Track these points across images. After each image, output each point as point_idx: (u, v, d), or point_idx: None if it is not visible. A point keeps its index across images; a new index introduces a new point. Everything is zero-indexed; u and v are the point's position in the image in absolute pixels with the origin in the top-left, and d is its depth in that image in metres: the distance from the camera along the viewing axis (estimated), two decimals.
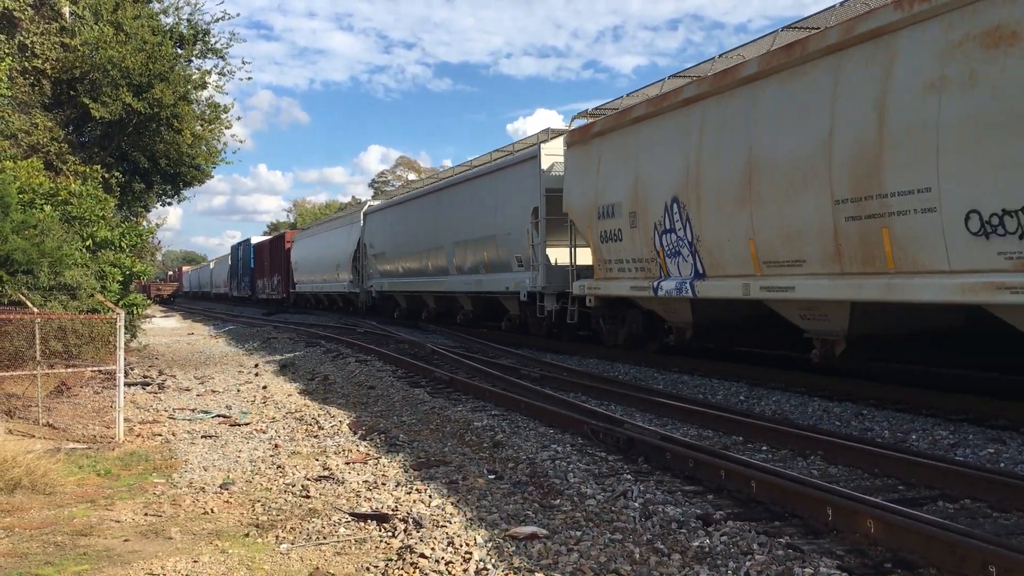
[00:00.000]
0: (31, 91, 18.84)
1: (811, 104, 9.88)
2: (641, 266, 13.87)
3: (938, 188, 8.25)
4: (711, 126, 11.71)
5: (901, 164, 8.64)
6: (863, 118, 9.10)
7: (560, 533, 5.35)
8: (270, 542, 5.50)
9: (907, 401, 9.78)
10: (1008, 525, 5.38)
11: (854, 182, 9.27)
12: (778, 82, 10.43)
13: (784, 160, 10.30)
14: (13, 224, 12.31)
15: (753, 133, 10.81)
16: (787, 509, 5.63)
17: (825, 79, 9.68)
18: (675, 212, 12.68)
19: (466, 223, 21.51)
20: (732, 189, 11.25)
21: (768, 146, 10.56)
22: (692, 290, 12.38)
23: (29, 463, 7.04)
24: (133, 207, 23.88)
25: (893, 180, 8.74)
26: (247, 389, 13.51)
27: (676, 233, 12.73)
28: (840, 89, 9.44)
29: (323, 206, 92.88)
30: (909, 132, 8.54)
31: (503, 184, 19.56)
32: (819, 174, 9.76)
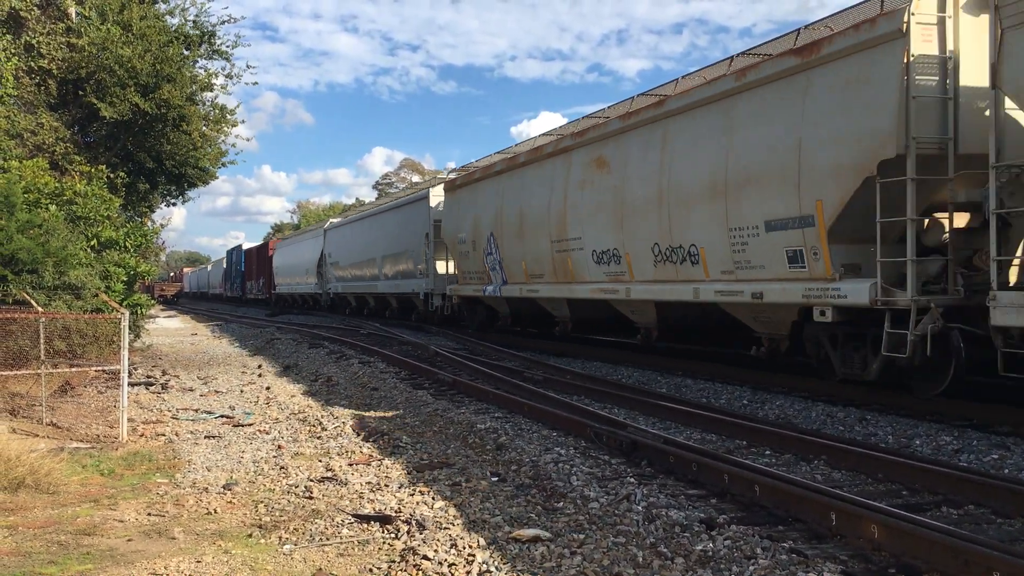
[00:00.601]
0: (37, 91, 18.89)
1: (544, 182, 17.20)
2: (479, 276, 20.82)
3: (583, 238, 15.62)
4: (506, 189, 19.08)
5: (572, 224, 15.99)
6: (559, 196, 16.42)
7: (563, 536, 5.35)
8: (273, 543, 5.50)
9: (911, 406, 9.77)
10: (1012, 531, 5.36)
11: (556, 231, 16.59)
12: (534, 167, 17.80)
13: (535, 214, 17.47)
14: (18, 223, 12.35)
15: (523, 196, 18.09)
16: (791, 514, 5.62)
17: (551, 169, 16.97)
18: (492, 242, 19.67)
19: (388, 242, 28.41)
20: (515, 229, 18.47)
21: (530, 204, 17.77)
22: (500, 291, 19.56)
23: (33, 462, 7.05)
24: (138, 207, 23.93)
25: (570, 232, 16.10)
26: (250, 390, 13.52)
27: (493, 255, 19.71)
28: (554, 176, 16.77)
29: (327, 208, 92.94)
30: (575, 207, 15.85)
31: (407, 215, 26.88)
32: (546, 225, 16.95)
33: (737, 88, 11.59)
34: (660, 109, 13.34)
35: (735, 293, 11.75)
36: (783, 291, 10.88)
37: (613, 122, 14.82)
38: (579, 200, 15.57)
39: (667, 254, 13.18)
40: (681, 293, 12.90)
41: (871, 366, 10.14)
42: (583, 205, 15.45)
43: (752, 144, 11.25)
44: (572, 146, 16.15)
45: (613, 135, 14.70)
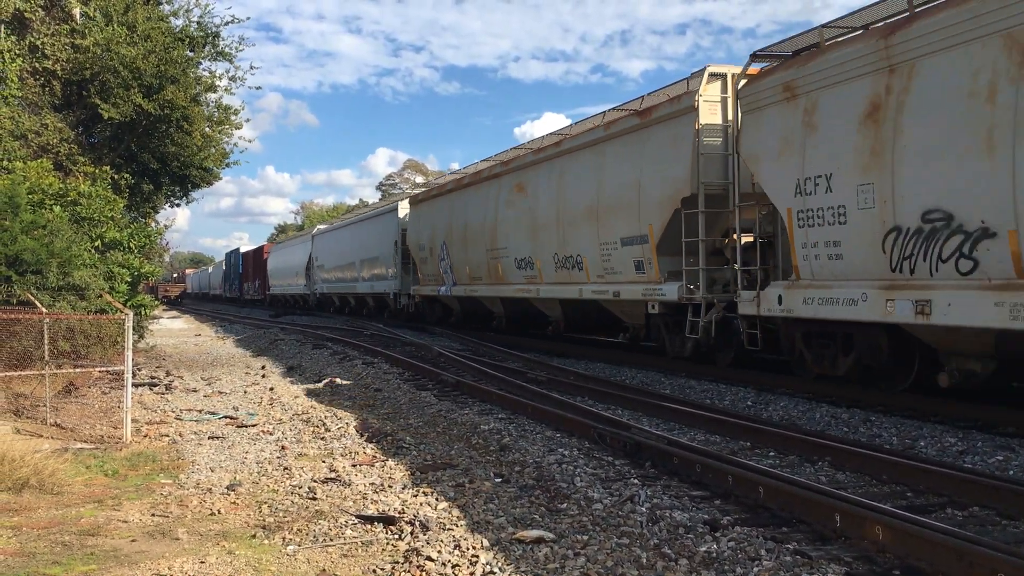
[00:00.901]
0: (41, 92, 18.92)
1: (482, 201, 21.05)
2: (435, 278, 25.00)
3: (508, 248, 19.38)
4: (455, 206, 23.04)
5: (501, 236, 19.80)
6: (492, 213, 20.21)
7: (567, 537, 5.34)
8: (277, 544, 5.50)
9: (915, 408, 9.75)
10: (1017, 533, 5.35)
11: (490, 242, 20.33)
12: (475, 188, 21.89)
13: (475, 227, 21.41)
14: (23, 224, 12.38)
15: (468, 212, 21.97)
16: (795, 515, 5.61)
17: (487, 190, 20.88)
18: (444, 249, 23.68)
19: (366, 248, 32.25)
20: (461, 239, 22.34)
21: (472, 219, 21.62)
22: (451, 291, 23.56)
23: (37, 463, 7.06)
24: (142, 208, 23.95)
25: (500, 243, 19.89)
26: (254, 390, 13.53)
27: (445, 261, 23.69)
28: (489, 197, 20.55)
29: (330, 208, 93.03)
30: (503, 222, 19.63)
31: (380, 225, 30.62)
32: (483, 236, 20.90)
33: (605, 137, 15.50)
34: (558, 148, 17.42)
35: (604, 292, 15.55)
36: (632, 291, 14.61)
37: (529, 155, 18.90)
38: (506, 217, 19.59)
39: (563, 261, 17.06)
40: (572, 292, 16.79)
41: (687, 346, 13.88)
42: (508, 221, 19.47)
43: (614, 180, 14.99)
44: (502, 172, 20.20)
45: (529, 166, 18.67)
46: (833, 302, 10.14)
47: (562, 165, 17.08)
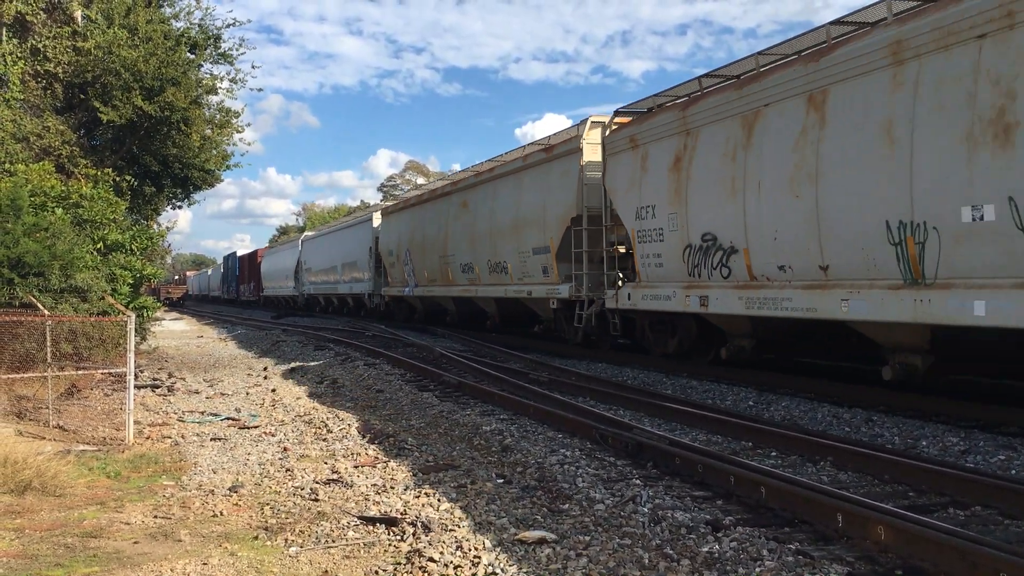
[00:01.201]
0: (43, 95, 18.96)
1: (436, 215, 24.44)
2: (401, 281, 28.36)
3: (456, 255, 22.79)
4: (417, 218, 26.58)
5: (450, 245, 23.07)
6: (444, 225, 23.65)
7: (569, 538, 5.34)
8: (279, 545, 5.51)
9: (917, 407, 9.74)
10: (1019, 532, 5.35)
11: (442, 249, 23.72)
12: (432, 203, 25.43)
13: (431, 236, 24.87)
14: (25, 227, 12.39)
15: (425, 223, 25.43)
16: (797, 515, 5.61)
17: (440, 205, 24.42)
18: (408, 255, 27.25)
19: (345, 253, 35.88)
20: (420, 246, 25.88)
21: (429, 230, 25.14)
22: (413, 292, 27.00)
23: (39, 465, 7.07)
24: (144, 210, 24.00)
25: (449, 250, 23.17)
26: (256, 392, 13.54)
27: (409, 265, 27.18)
28: (441, 211, 23.90)
29: (332, 210, 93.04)
30: (452, 233, 22.88)
31: (358, 233, 34.12)
32: (437, 244, 24.21)
33: (523, 167, 19.36)
34: (492, 173, 21.15)
35: (522, 291, 19.17)
36: (540, 290, 18.35)
37: (471, 178, 22.70)
38: (454, 229, 23.18)
39: (494, 266, 20.62)
40: (501, 292, 20.32)
41: (578, 333, 17.19)
42: (456, 232, 23.03)
43: (528, 202, 18.82)
44: (451, 191, 24.06)
45: (471, 187, 22.33)
46: (659, 298, 13.77)
47: (494, 188, 20.76)
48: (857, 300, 9.70)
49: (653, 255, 13.81)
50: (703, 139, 12.46)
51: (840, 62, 9.97)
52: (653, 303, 13.85)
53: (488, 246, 20.72)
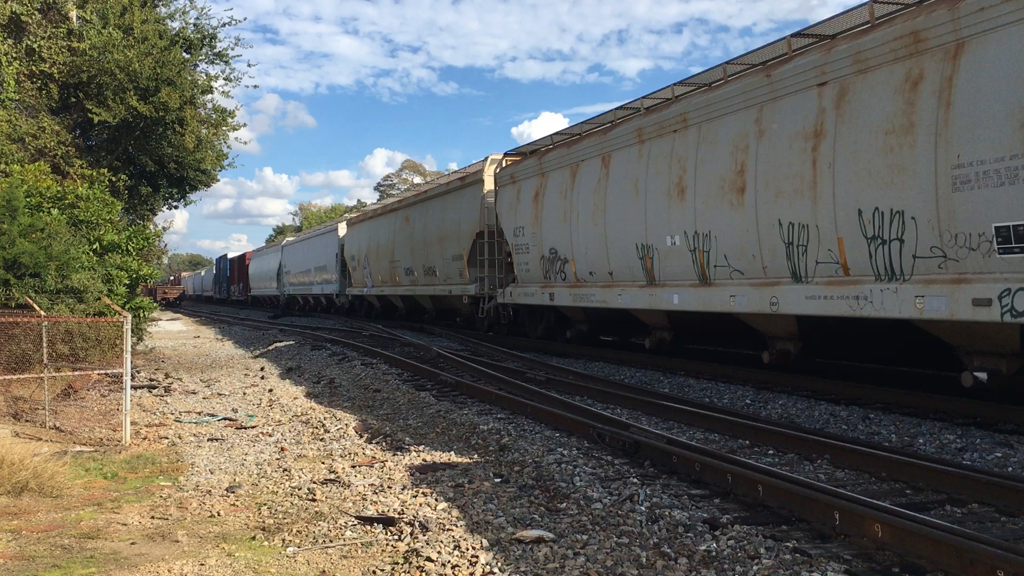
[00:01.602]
0: (38, 95, 18.92)
1: (386, 226, 29.57)
2: (361, 282, 33.00)
3: (400, 261, 27.70)
4: (373, 228, 31.05)
5: (397, 252, 28.08)
6: (391, 235, 28.73)
7: (566, 537, 5.34)
8: (276, 545, 5.50)
9: (914, 405, 9.76)
10: (1016, 530, 5.35)
11: (391, 256, 28.55)
12: (383, 217, 30.40)
13: (383, 244, 29.51)
14: (20, 227, 12.36)
15: (379, 233, 30.15)
16: (794, 513, 5.62)
17: (389, 219, 29.39)
18: (366, 260, 31.73)
19: (317, 258, 40.90)
20: (375, 253, 30.33)
21: (382, 239, 29.72)
22: (371, 291, 31.76)
23: (36, 466, 7.06)
24: (140, 210, 23.98)
25: (397, 257, 28.08)
26: (253, 392, 13.53)
27: (367, 269, 31.83)
28: (389, 224, 29.05)
29: (329, 209, 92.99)
30: (399, 242, 27.80)
31: (326, 240, 39.23)
32: (389, 251, 28.84)
33: (446, 191, 24.26)
34: (426, 195, 26.27)
35: (446, 290, 23.72)
36: (457, 289, 22.88)
37: (411, 198, 28.16)
38: (400, 239, 27.95)
39: (428, 270, 25.35)
40: (432, 291, 25.12)
41: (484, 323, 22.03)
42: (401, 242, 27.78)
43: (449, 219, 23.60)
44: (398, 208, 29.00)
45: (411, 205, 27.66)
46: (528, 295, 18.51)
47: (427, 207, 25.81)
48: (626, 294, 14.50)
49: (524, 263, 18.57)
50: (550, 180, 17.40)
51: (615, 137, 14.95)
52: (525, 298, 18.78)
53: (423, 253, 25.64)
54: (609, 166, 14.90)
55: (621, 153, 14.55)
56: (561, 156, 16.87)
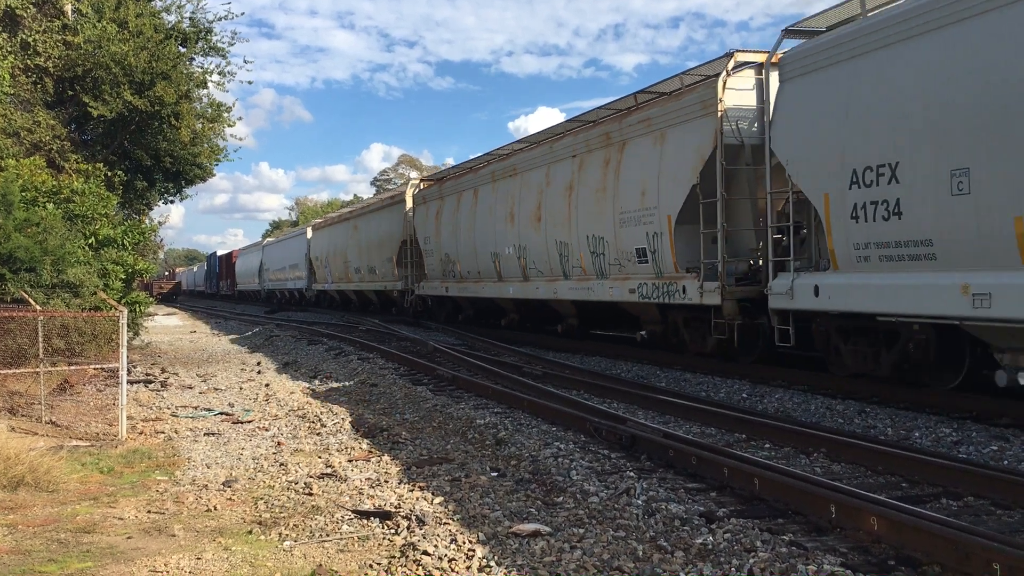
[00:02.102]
0: (33, 89, 18.83)
1: (341, 233, 35.23)
2: (324, 279, 38.38)
3: (351, 261, 33.47)
4: (330, 234, 37.27)
5: (348, 254, 33.69)
6: (344, 240, 34.34)
7: (563, 531, 5.35)
8: (273, 539, 5.50)
9: (911, 399, 9.77)
10: (1012, 523, 5.37)
11: (344, 257, 34.45)
12: (339, 224, 36.35)
13: (338, 248, 35.36)
14: (16, 222, 12.32)
15: (336, 239, 35.99)
16: (790, 507, 5.63)
17: (342, 227, 35.23)
18: (327, 261, 37.53)
19: (290, 258, 46.10)
20: (333, 254, 36.38)
21: (337, 243, 35.67)
22: (331, 286, 37.60)
23: (32, 461, 7.05)
24: (135, 205, 23.90)
25: (348, 258, 33.71)
26: (249, 387, 13.51)
27: (328, 268, 37.48)
28: (343, 231, 34.91)
29: (325, 204, 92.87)
30: (349, 245, 33.51)
31: (297, 242, 44.63)
32: (343, 253, 34.61)
33: (381, 207, 30.04)
34: (368, 208, 32.42)
35: (384, 285, 29.06)
36: (391, 285, 28.26)
37: (358, 210, 34.25)
38: (351, 244, 33.27)
39: (371, 269, 30.78)
40: (374, 286, 30.60)
41: (409, 311, 27.32)
42: (351, 246, 33.09)
43: (384, 229, 28.94)
44: (349, 217, 34.63)
45: (360, 215, 33.00)
46: (434, 288, 24.19)
47: (370, 218, 31.46)
48: (487, 287, 20.51)
49: (431, 264, 24.32)
50: (446, 203, 23.20)
51: (480, 176, 21.04)
52: (432, 291, 24.59)
53: (367, 256, 31.15)
54: (477, 196, 21.02)
55: (484, 187, 20.71)
56: (452, 186, 23.17)
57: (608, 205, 14.63)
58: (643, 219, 13.66)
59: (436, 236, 23.44)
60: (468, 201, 21.42)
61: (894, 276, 9.11)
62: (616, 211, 14.39)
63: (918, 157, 8.71)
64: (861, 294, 9.54)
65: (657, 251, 13.42)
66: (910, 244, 8.93)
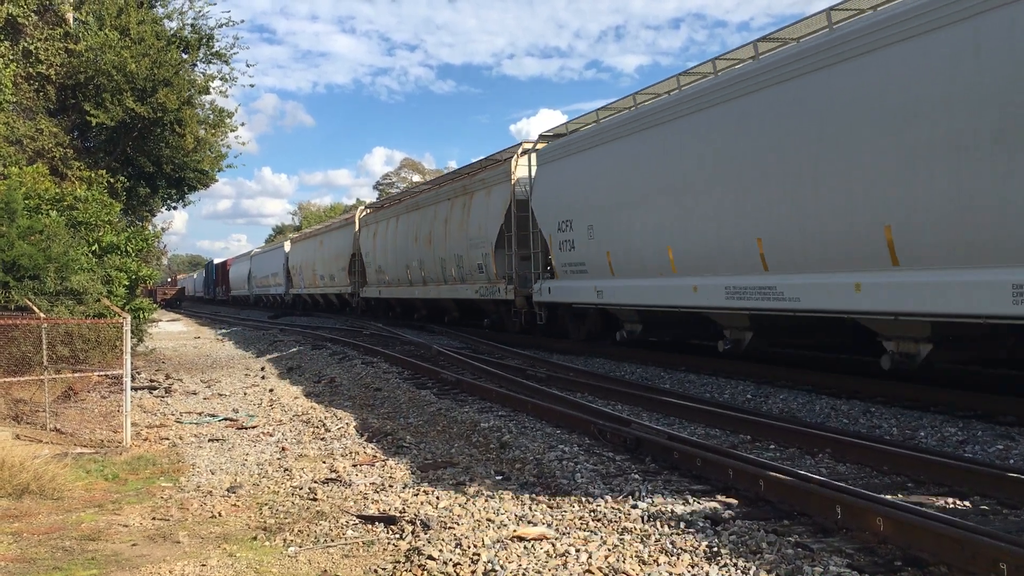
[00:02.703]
0: (36, 97, 18.89)
1: (312, 247, 42.25)
2: (298, 284, 45.05)
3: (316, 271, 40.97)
4: (301, 249, 44.82)
5: (317, 265, 40.78)
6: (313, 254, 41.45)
7: (568, 534, 5.33)
8: (278, 545, 5.50)
9: (915, 398, 9.74)
10: (1018, 522, 5.35)
11: (312, 267, 41.72)
12: (311, 240, 43.21)
13: (309, 259, 42.23)
14: (19, 230, 12.35)
15: (307, 252, 43.06)
16: (796, 508, 5.61)
17: (311, 242, 43.36)
18: (300, 269, 44.23)
19: (272, 267, 52.49)
20: (305, 264, 43.21)
21: (308, 256, 42.53)
22: (304, 291, 43.93)
23: (37, 468, 7.05)
24: (138, 211, 23.97)
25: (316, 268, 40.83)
26: (254, 392, 13.52)
27: (300, 276, 44.43)
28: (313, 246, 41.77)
29: (328, 208, 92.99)
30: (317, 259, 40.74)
31: (278, 253, 50.97)
32: (311, 264, 41.83)
33: (340, 226, 37.24)
34: (329, 227, 40.67)
35: (338, 290, 36.14)
36: (343, 289, 35.15)
37: (322, 228, 42.05)
38: (317, 256, 39.81)
39: (331, 277, 37.16)
40: (333, 291, 37.14)
41: (357, 311, 34.00)
42: (318, 259, 39.37)
43: (339, 245, 35.73)
44: (316, 234, 41.74)
45: (324, 232, 40.11)
46: (373, 292, 30.37)
47: (330, 234, 38.36)
48: (402, 290, 26.70)
49: (371, 273, 30.55)
50: (379, 227, 29.41)
51: (402, 207, 27.32)
52: (371, 294, 30.72)
53: (328, 266, 37.84)
54: (399, 222, 27.41)
55: (402, 216, 27.10)
56: (385, 213, 29.69)
57: (463, 234, 21.39)
58: (480, 245, 20.33)
59: (373, 252, 30.14)
60: (394, 225, 27.98)
61: (574, 282, 16.23)
62: (467, 238, 21.09)
63: (578, 218, 15.81)
64: (565, 292, 16.70)
65: (486, 266, 20.08)
66: (577, 264, 16.03)
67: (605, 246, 14.79)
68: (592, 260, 15.27)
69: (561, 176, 16.33)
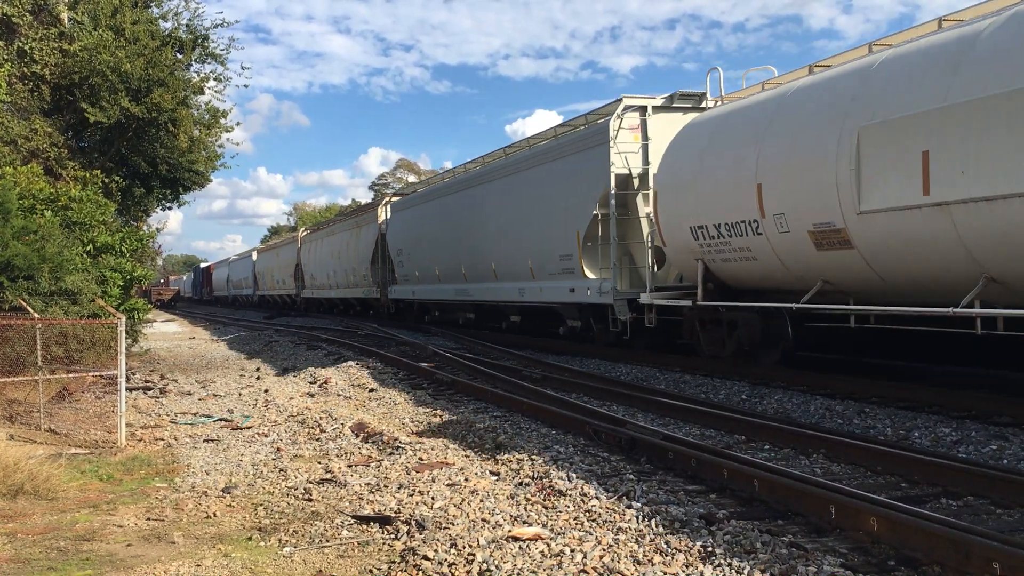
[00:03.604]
0: (30, 97, 18.85)
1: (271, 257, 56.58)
2: (261, 286, 58.03)
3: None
4: (265, 258, 57.32)
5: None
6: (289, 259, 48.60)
7: (563, 534, 5.34)
8: (273, 545, 5.49)
9: (910, 398, 9.78)
10: (1012, 522, 5.37)
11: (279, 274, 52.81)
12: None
13: (270, 267, 54.79)
14: (13, 230, 12.32)
15: (267, 260, 56.21)
16: (790, 508, 5.62)
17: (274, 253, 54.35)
18: (263, 276, 56.58)
19: (244, 272, 62.78)
20: (266, 272, 55.73)
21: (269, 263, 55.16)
22: (266, 292, 57.10)
23: (31, 469, 7.04)
24: (133, 212, 23.93)
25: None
26: (249, 393, 13.50)
27: (264, 280, 56.54)
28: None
29: (323, 209, 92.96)
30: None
31: (248, 261, 62.37)
32: (272, 271, 54.30)
33: (290, 240, 48.82)
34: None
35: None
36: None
37: (277, 243, 55.56)
38: (272, 264, 52.42)
39: (280, 281, 49.50)
40: (281, 292, 50.73)
41: (301, 308, 46.11)
42: (273, 266, 51.91)
43: (284, 257, 48.73)
44: (273, 247, 54.44)
45: (277, 247, 52.78)
46: (308, 293, 44.15)
47: (280, 248, 48.82)
48: (323, 292, 40.21)
49: (308, 279, 42.04)
50: (314, 244, 41.09)
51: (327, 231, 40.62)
52: (307, 294, 42.73)
53: (279, 273, 47.00)
54: (322, 242, 38.09)
55: (327, 238, 37.54)
56: (318, 235, 40.17)
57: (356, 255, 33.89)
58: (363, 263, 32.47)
59: (308, 263, 42.07)
60: (321, 244, 39.59)
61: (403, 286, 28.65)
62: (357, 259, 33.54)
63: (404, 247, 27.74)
64: (399, 292, 29.16)
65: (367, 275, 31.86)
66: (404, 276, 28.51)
67: (415, 266, 26.47)
68: (410, 273, 27.08)
69: (399, 221, 28.61)
